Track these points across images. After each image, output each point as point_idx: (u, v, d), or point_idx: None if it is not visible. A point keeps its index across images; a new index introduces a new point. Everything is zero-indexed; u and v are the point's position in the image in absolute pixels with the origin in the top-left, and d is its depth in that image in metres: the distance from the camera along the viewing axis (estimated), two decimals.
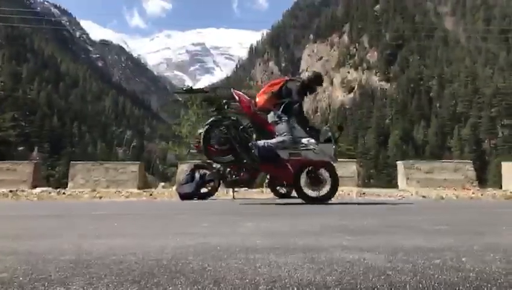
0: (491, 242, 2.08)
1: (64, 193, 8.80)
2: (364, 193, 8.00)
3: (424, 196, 7.63)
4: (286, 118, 5.36)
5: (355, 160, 10.81)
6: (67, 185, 10.77)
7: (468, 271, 1.47)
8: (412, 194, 7.83)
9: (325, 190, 5.63)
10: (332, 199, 5.70)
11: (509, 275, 1.41)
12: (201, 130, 7.78)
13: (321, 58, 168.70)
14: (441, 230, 2.57)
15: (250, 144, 5.39)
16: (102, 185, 10.42)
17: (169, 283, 1.34)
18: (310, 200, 5.57)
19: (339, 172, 9.68)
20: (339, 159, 9.85)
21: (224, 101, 5.87)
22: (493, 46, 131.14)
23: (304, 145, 5.40)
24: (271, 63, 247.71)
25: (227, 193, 8.03)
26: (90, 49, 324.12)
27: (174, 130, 26.89)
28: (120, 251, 1.88)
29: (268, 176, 7.46)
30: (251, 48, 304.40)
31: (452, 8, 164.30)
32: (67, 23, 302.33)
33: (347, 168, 9.87)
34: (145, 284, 1.33)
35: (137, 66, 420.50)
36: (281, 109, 5.35)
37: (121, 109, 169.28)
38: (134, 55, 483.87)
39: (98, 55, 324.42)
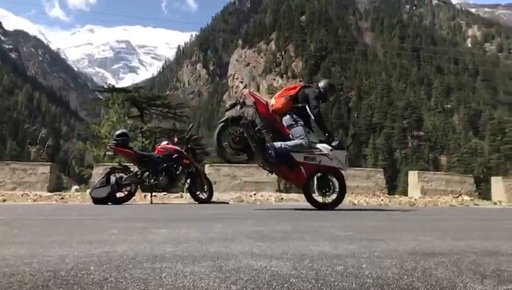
0: (391, 248, 2.21)
1: None
2: (282, 198, 8.18)
3: None
4: (302, 122, 5.45)
5: None
6: None
7: (366, 277, 1.54)
8: None
9: (333, 196, 5.67)
10: (338, 205, 5.71)
11: (401, 280, 1.51)
12: (119, 131, 7.51)
13: (249, 64, 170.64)
14: (347, 236, 2.69)
15: (267, 144, 5.35)
16: (7, 187, 9.62)
17: None
18: (317, 206, 5.61)
19: (259, 177, 9.87)
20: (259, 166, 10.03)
21: (240, 100, 5.74)
22: (406, 63, 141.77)
23: (319, 150, 5.45)
24: (199, 66, 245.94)
25: (145, 197, 7.79)
26: (3, 38, 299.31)
27: (93, 130, 25.67)
28: (14, 261, 1.73)
29: (188, 181, 7.36)
30: (179, 48, 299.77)
31: (372, 24, 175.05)
32: None
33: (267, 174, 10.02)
34: None
35: (55, 60, 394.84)
36: (313, 113, 5.44)
37: (36, 105, 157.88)
38: (53, 48, 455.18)
39: (11, 46, 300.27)
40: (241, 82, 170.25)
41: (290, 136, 5.44)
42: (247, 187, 9.72)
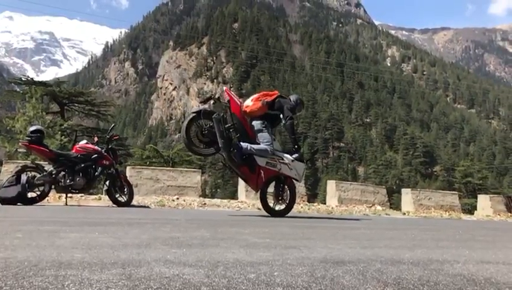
0: (303, 256, 2.27)
1: None
2: (205, 203, 8.13)
3: (259, 208, 8.07)
4: (270, 130, 5.65)
5: (200, 170, 10.94)
6: None
7: (277, 285, 1.56)
8: (249, 206, 8.23)
9: (285, 204, 5.87)
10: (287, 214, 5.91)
11: (309, 288, 1.55)
12: (34, 127, 7.01)
13: (179, 66, 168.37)
14: (263, 243, 2.73)
15: (234, 143, 5.44)
16: None
17: None
18: (269, 211, 5.80)
19: (183, 182, 9.76)
20: (184, 169, 9.94)
21: (216, 96, 5.83)
22: (331, 76, 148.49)
23: (281, 158, 5.61)
24: (127, 64, 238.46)
25: (59, 198, 7.34)
26: None
27: (7, 124, 23.99)
28: None
29: (107, 183, 7.06)
30: (107, 45, 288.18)
31: (301, 37, 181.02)
32: None
33: (191, 179, 9.93)
34: None
35: None
36: (286, 124, 5.62)
37: None
38: None
39: None
40: (171, 84, 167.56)
41: (257, 140, 5.59)
42: (170, 191, 9.54)
